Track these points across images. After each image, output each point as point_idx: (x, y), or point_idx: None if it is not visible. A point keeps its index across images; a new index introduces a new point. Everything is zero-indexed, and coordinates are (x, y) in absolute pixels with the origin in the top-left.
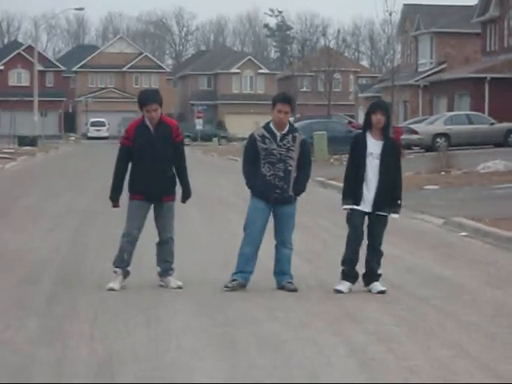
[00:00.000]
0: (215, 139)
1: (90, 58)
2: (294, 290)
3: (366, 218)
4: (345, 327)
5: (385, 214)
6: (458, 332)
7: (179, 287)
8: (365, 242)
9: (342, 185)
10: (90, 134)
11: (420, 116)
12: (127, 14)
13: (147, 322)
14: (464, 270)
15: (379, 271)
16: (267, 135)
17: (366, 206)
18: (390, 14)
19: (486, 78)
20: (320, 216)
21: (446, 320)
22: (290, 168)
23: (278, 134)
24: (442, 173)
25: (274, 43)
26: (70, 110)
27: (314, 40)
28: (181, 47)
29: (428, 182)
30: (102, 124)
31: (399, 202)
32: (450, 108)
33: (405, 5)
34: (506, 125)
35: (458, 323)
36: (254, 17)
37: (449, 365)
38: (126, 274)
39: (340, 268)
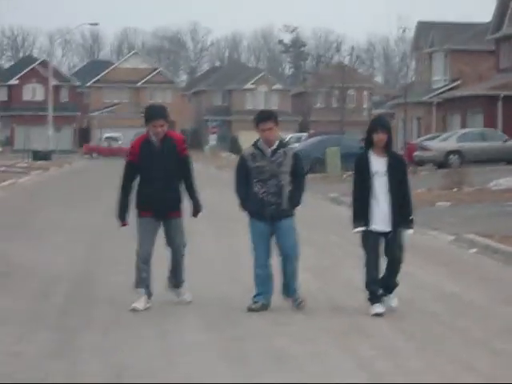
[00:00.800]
0: (228, 153)
1: (104, 73)
2: (300, 306)
3: (382, 238)
4: (353, 342)
5: (401, 229)
6: (465, 348)
7: (188, 301)
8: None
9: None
10: None
11: (433, 133)
12: (142, 30)
13: (158, 335)
14: (474, 286)
15: (396, 282)
16: (257, 153)
17: (380, 225)
18: (404, 31)
19: (499, 95)
20: (331, 232)
21: (454, 336)
22: (282, 182)
23: (268, 151)
24: (454, 189)
25: (289, 59)
26: (85, 125)
27: (329, 56)
28: (195, 63)
29: (440, 199)
30: (115, 139)
31: (411, 217)
32: (464, 125)
33: (419, 22)
34: None
35: (467, 339)
36: (268, 33)
37: (456, 380)
38: (149, 294)
39: (366, 292)
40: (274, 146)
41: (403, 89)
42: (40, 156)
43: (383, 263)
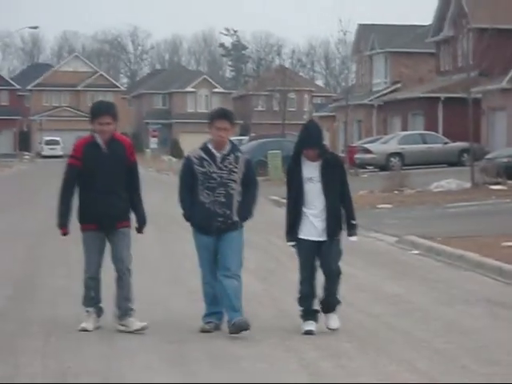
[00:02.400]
0: (169, 157)
1: (44, 76)
2: (246, 329)
3: (317, 247)
4: (297, 343)
5: (337, 238)
6: (407, 348)
7: (144, 328)
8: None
9: None
10: (44, 153)
11: (374, 135)
12: (83, 33)
13: (101, 339)
14: (416, 287)
15: (338, 299)
16: (205, 157)
17: (316, 234)
18: (345, 34)
19: (439, 97)
20: (273, 234)
21: (396, 336)
22: (231, 192)
23: (218, 155)
24: (396, 192)
25: (230, 62)
26: (25, 129)
27: (269, 59)
28: (136, 66)
29: (381, 201)
30: (56, 142)
31: (353, 221)
32: (404, 127)
33: (360, 25)
34: (459, 144)
35: (408, 340)
36: (209, 36)
37: (398, 380)
38: (99, 313)
39: (298, 308)
40: (225, 151)
41: (344, 91)
42: None
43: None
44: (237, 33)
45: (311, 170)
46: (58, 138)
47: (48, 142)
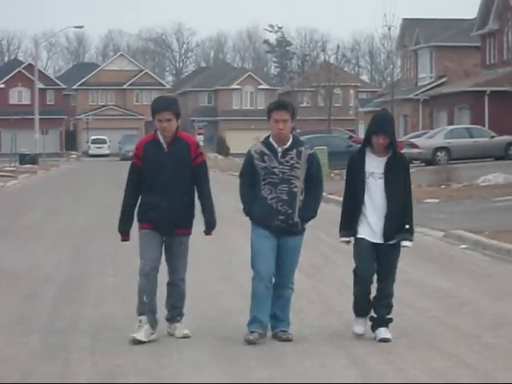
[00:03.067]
0: (215, 154)
1: (90, 75)
2: (288, 340)
3: (374, 248)
4: (345, 339)
5: (395, 241)
6: (457, 343)
7: (185, 336)
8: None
9: (342, 199)
10: (91, 152)
11: (420, 130)
12: (127, 32)
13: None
14: (464, 282)
15: (389, 315)
16: (266, 151)
17: (374, 235)
18: (389, 29)
19: (485, 91)
20: (321, 230)
21: (445, 331)
22: (295, 189)
23: (279, 149)
24: (443, 186)
25: (274, 59)
26: (71, 128)
27: (314, 55)
28: (181, 64)
29: (428, 196)
30: (102, 141)
31: (407, 226)
32: (450, 122)
33: (404, 19)
34: (506, 138)
35: (458, 334)
36: (253, 33)
37: (447, 375)
38: (153, 323)
39: (352, 315)
40: (287, 145)
41: (389, 86)
42: (27, 159)
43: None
44: (281, 29)
45: (375, 165)
46: (104, 137)
47: (95, 141)
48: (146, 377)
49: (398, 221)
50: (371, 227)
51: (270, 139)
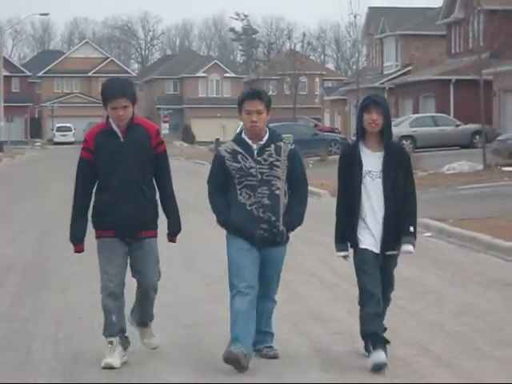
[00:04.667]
0: (181, 142)
1: (55, 63)
2: (274, 357)
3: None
4: (310, 327)
5: (395, 252)
6: (420, 331)
7: (155, 346)
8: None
9: (309, 188)
10: (55, 140)
11: None
12: (93, 19)
13: None
14: (428, 269)
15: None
16: (239, 149)
17: (376, 244)
18: (355, 17)
19: (451, 80)
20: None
21: (409, 319)
22: (277, 192)
23: (255, 146)
24: None
25: (240, 47)
26: (36, 116)
27: (280, 43)
28: (146, 52)
29: None
30: (67, 129)
31: (411, 228)
32: (416, 110)
33: (370, 8)
34: (471, 126)
35: (421, 322)
36: (219, 21)
37: (410, 363)
38: (124, 344)
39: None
40: (263, 141)
41: (355, 75)
42: None
43: None
44: (247, 17)
45: (371, 162)
46: (69, 125)
47: (60, 129)
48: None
49: (398, 225)
50: (373, 235)
51: (243, 135)
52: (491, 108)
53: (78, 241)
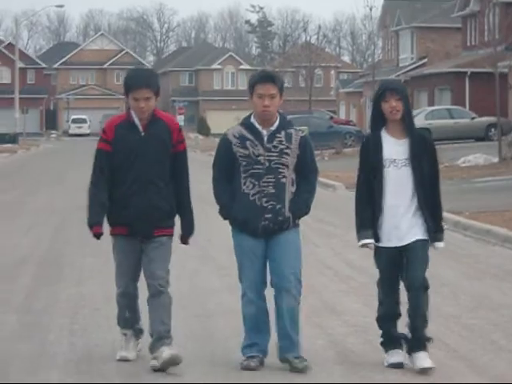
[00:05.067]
0: (196, 134)
1: (70, 55)
2: (303, 370)
3: (400, 254)
4: (325, 319)
5: (424, 238)
6: (436, 324)
7: (174, 363)
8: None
9: (324, 180)
10: (71, 131)
11: None
12: (108, 11)
13: None
14: (444, 262)
15: (426, 333)
16: (248, 135)
17: (398, 238)
18: (371, 9)
19: (466, 72)
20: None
21: None
22: (283, 180)
23: (265, 132)
24: None
25: (256, 39)
26: (52, 108)
27: (296, 36)
28: (162, 44)
29: None
30: (83, 121)
31: (443, 224)
32: (431, 103)
33: (385, 0)
34: (486, 119)
35: (437, 315)
36: (235, 13)
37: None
38: (138, 334)
39: (379, 335)
40: (274, 127)
41: (370, 67)
42: (7, 139)
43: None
44: (263, 9)
45: (396, 150)
46: (84, 117)
47: (75, 121)
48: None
49: (428, 216)
50: (396, 227)
51: (252, 119)
52: (507, 101)
53: (95, 224)
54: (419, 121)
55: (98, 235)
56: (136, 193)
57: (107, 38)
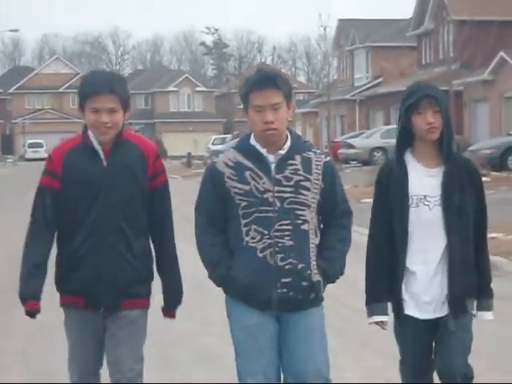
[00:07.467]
0: None
1: (26, 79)
2: None
3: (431, 329)
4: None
5: (469, 311)
6: (392, 342)
7: None
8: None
9: None
10: (27, 156)
11: (357, 130)
12: (63, 35)
13: None
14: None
15: None
16: (248, 163)
17: (430, 306)
18: (325, 30)
19: None
20: None
21: (381, 331)
22: (304, 227)
23: (272, 159)
24: None
25: (211, 61)
26: (8, 132)
27: (251, 57)
28: (117, 66)
29: (365, 196)
30: (39, 145)
31: (491, 286)
32: (387, 121)
33: (339, 20)
34: None
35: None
36: (190, 35)
37: (383, 375)
38: None
39: None
40: (284, 150)
41: (326, 87)
42: None
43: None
44: (218, 31)
45: (426, 183)
46: (41, 141)
47: (31, 145)
48: None
49: (474, 276)
50: (424, 291)
51: (252, 141)
52: (462, 118)
53: (29, 298)
54: (375, 140)
55: (32, 312)
56: (95, 247)
57: (62, 61)
